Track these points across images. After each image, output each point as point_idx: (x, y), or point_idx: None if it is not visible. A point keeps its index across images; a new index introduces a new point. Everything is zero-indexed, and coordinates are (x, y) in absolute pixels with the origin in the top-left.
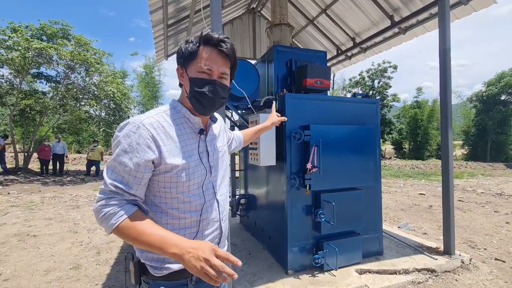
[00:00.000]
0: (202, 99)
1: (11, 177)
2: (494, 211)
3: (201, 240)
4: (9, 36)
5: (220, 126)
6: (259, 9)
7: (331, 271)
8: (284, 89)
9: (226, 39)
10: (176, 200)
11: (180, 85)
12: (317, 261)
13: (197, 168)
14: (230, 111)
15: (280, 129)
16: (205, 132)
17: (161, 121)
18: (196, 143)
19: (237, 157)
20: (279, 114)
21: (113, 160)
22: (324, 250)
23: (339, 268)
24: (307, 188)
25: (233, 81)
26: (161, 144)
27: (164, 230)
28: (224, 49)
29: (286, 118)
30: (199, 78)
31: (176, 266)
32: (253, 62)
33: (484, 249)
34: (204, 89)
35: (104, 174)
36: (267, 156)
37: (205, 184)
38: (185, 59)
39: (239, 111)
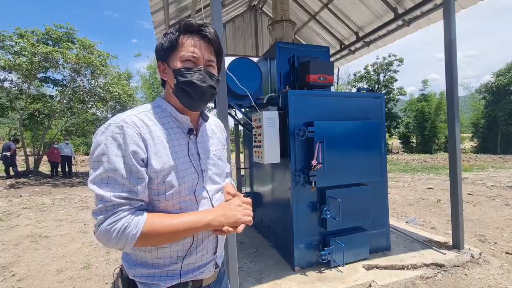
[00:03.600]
0: (190, 89)
1: (23, 179)
2: (505, 204)
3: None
4: (16, 42)
5: (215, 128)
6: (260, 6)
7: (338, 267)
8: (287, 86)
9: (207, 24)
10: (165, 208)
11: (163, 83)
12: (323, 257)
13: (187, 172)
14: (234, 109)
15: (283, 126)
16: (195, 132)
17: (144, 120)
18: (185, 144)
19: (241, 155)
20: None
21: (105, 171)
22: (331, 247)
23: (346, 264)
24: (313, 185)
25: (235, 79)
26: (149, 144)
27: (182, 214)
28: (206, 33)
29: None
30: (184, 67)
31: (168, 283)
32: (255, 59)
33: (495, 242)
34: (191, 78)
35: (97, 192)
36: (271, 153)
37: (197, 189)
38: (165, 51)
39: (243, 109)
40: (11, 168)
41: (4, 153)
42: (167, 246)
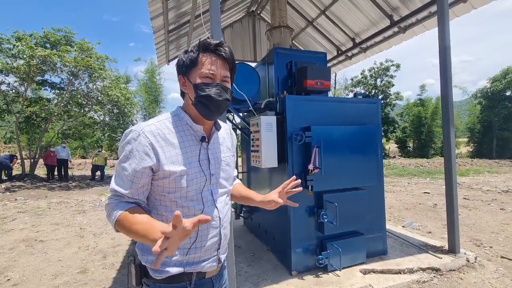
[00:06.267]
0: (208, 102)
1: (18, 183)
2: (500, 209)
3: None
4: (14, 45)
5: (226, 136)
6: (258, 12)
7: (335, 272)
8: (285, 91)
9: (223, 43)
10: (175, 204)
11: (182, 94)
12: (321, 261)
13: (196, 175)
14: (232, 113)
15: (281, 131)
16: (207, 140)
17: (162, 129)
18: (197, 150)
19: (239, 159)
20: (278, 200)
21: (118, 164)
22: (328, 251)
23: (343, 268)
24: (310, 189)
25: (234, 84)
26: (160, 152)
27: (153, 220)
28: (222, 53)
29: (282, 202)
30: (204, 83)
31: (174, 270)
32: (253, 64)
33: (490, 247)
34: (209, 92)
35: (112, 177)
36: (269, 158)
37: (204, 191)
38: (187, 67)
39: (241, 114)
40: (4, 172)
41: (5, 159)
42: None
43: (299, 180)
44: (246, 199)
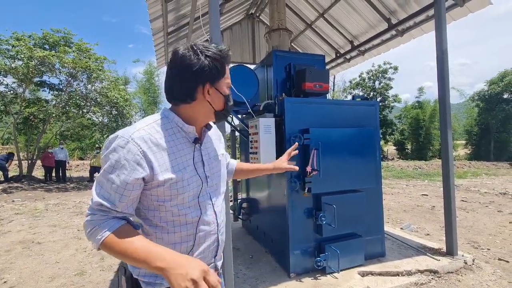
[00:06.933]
0: (230, 111)
1: (15, 184)
2: (498, 211)
3: (193, 258)
4: (13, 46)
5: (216, 134)
6: (257, 15)
7: (333, 274)
8: (283, 93)
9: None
10: (170, 214)
11: (188, 99)
12: (319, 263)
13: (192, 180)
14: (230, 115)
15: (280, 133)
16: (199, 141)
17: (152, 133)
18: (190, 153)
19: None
20: (289, 165)
21: (101, 175)
22: (326, 253)
23: (341, 270)
24: (305, 191)
25: (232, 86)
26: (153, 159)
27: (151, 243)
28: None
29: (297, 168)
30: (229, 94)
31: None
32: (252, 66)
33: (488, 249)
34: (232, 103)
35: (93, 189)
36: (267, 159)
37: (201, 195)
38: (215, 76)
39: (239, 116)
40: (1, 173)
41: (1, 160)
42: (171, 246)
43: (297, 149)
44: (256, 171)
